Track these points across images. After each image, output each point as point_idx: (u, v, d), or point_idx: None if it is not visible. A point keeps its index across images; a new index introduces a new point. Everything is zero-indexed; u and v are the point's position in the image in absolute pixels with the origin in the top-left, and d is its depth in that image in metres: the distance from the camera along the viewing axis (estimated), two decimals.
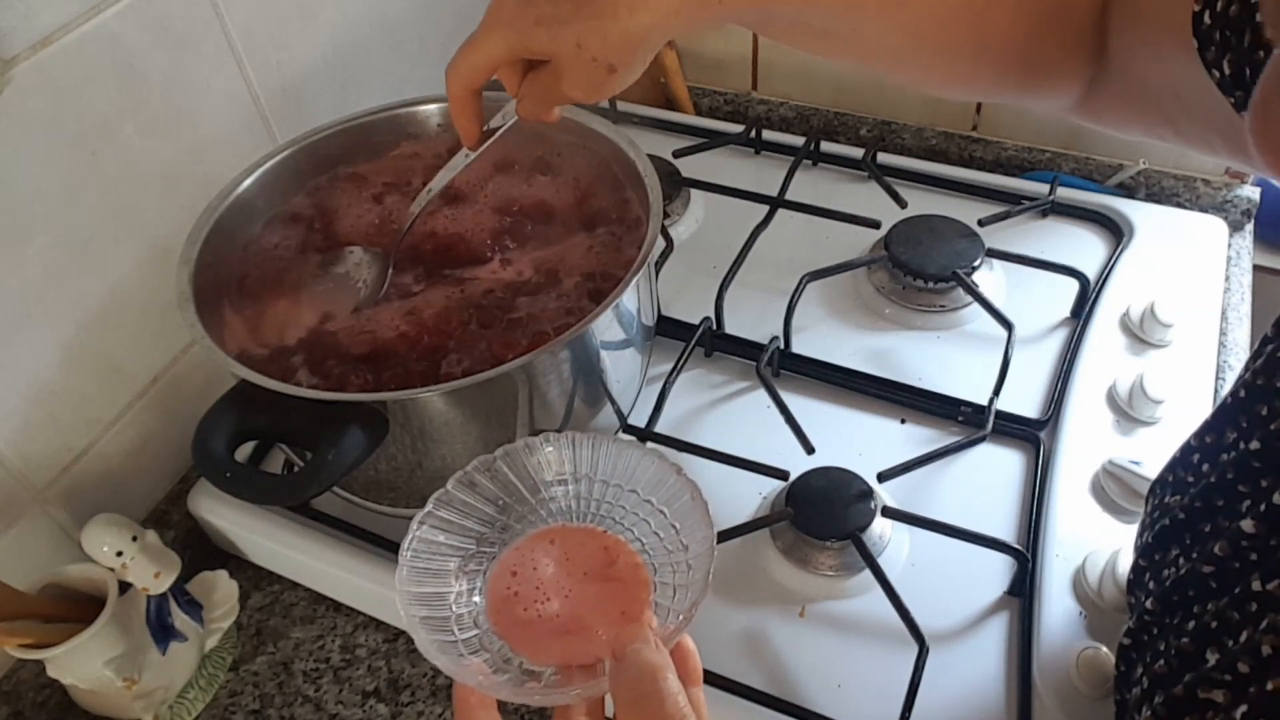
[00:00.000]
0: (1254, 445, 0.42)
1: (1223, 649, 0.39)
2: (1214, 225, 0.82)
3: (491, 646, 0.39)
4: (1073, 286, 0.76)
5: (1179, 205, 0.88)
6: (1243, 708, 0.36)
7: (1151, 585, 0.48)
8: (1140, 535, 0.52)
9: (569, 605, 0.39)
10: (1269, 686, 0.36)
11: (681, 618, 0.37)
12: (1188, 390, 0.68)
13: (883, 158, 0.90)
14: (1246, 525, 0.40)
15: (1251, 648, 0.37)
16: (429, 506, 0.40)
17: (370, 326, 0.58)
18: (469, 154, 0.58)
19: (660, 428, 0.68)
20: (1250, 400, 0.44)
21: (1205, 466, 0.47)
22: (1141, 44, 0.47)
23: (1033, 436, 0.67)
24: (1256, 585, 0.39)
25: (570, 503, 0.43)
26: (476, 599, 0.40)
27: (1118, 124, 0.53)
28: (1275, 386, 0.42)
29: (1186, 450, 0.49)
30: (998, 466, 0.67)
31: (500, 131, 0.56)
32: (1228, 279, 0.80)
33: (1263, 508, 0.40)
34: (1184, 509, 0.47)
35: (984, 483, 0.66)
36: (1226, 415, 0.46)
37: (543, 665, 0.38)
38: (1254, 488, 0.42)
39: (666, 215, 0.84)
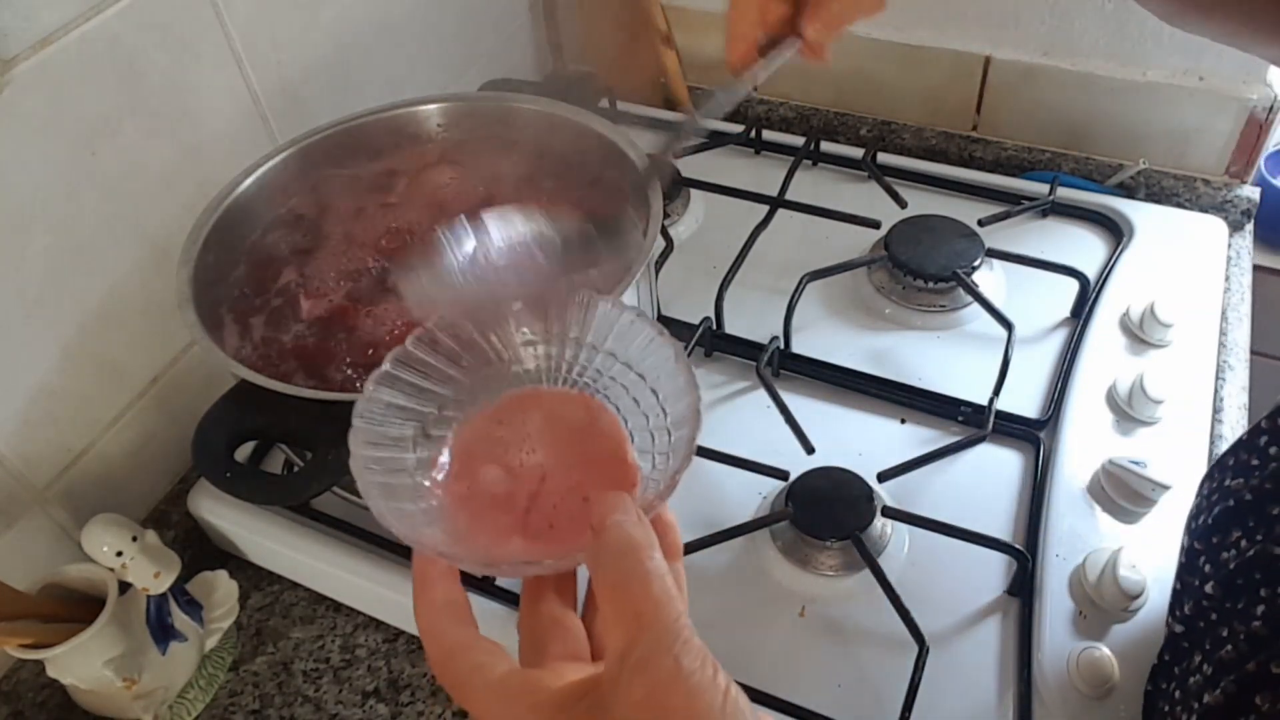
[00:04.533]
0: None
1: None
2: (1214, 225, 0.82)
3: (449, 519, 0.36)
4: (1073, 286, 0.76)
5: (1179, 205, 0.88)
6: None
7: (1208, 569, 0.47)
8: (1194, 519, 0.51)
9: (543, 489, 0.36)
10: None
11: (663, 486, 0.33)
12: (1188, 390, 0.68)
13: (883, 158, 0.90)
14: None
15: None
16: (385, 366, 0.36)
17: (369, 328, 0.58)
18: (729, 87, 0.49)
19: None
20: None
21: (1274, 449, 0.46)
22: None
23: (1033, 436, 0.67)
24: None
25: (541, 364, 0.39)
26: (437, 469, 0.37)
27: None
28: None
29: (1254, 433, 0.48)
30: (998, 466, 0.67)
31: (773, 65, 0.48)
32: (1228, 279, 0.80)
33: None
34: (1251, 490, 0.46)
35: (984, 483, 0.66)
36: None
37: (504, 558, 0.35)
38: None
39: (666, 215, 0.84)
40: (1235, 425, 0.69)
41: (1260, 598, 0.42)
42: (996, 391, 0.68)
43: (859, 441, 0.68)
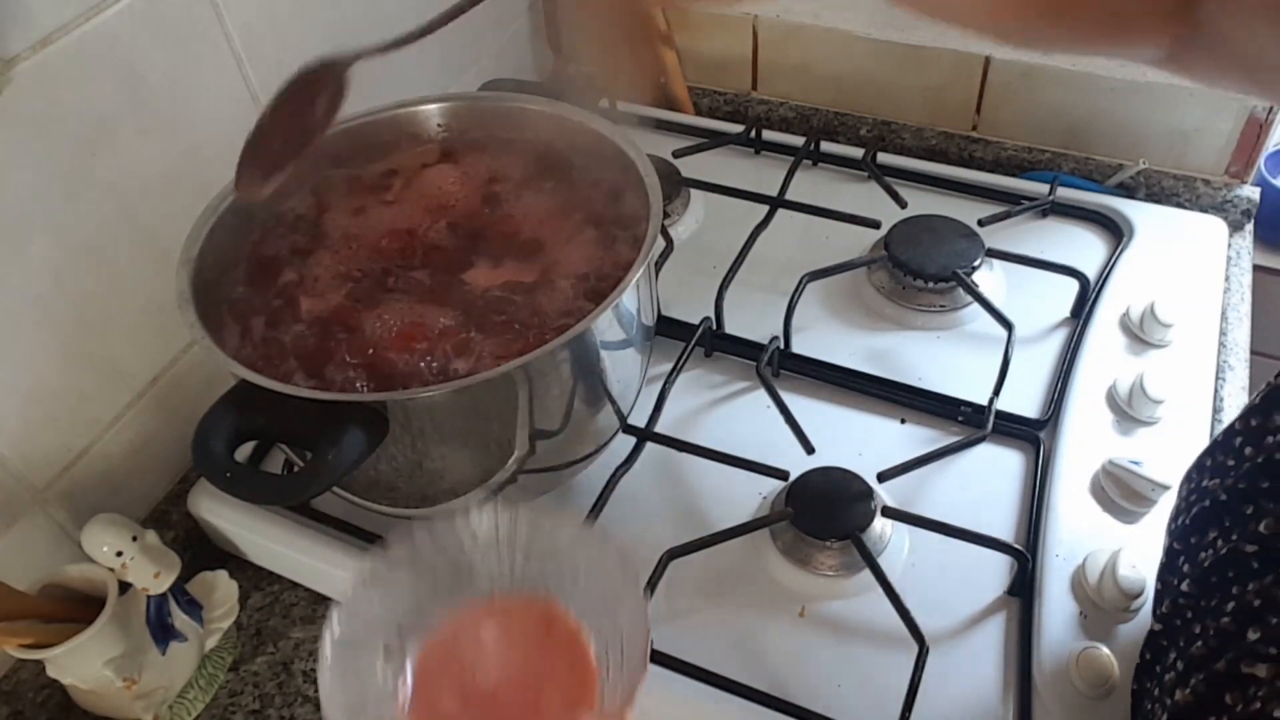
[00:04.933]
0: None
1: (1265, 626, 0.39)
2: (1214, 225, 0.82)
3: None
4: (1073, 286, 0.76)
5: (1179, 205, 0.88)
6: None
7: (1186, 568, 0.47)
8: (1174, 520, 0.51)
9: (501, 704, 0.37)
10: None
11: (621, 695, 0.35)
12: (1188, 390, 0.68)
13: (883, 158, 0.90)
14: None
15: None
16: (346, 599, 0.37)
17: (369, 328, 0.58)
18: None
19: (660, 428, 0.68)
20: None
21: (1249, 449, 0.46)
22: (1229, 12, 0.45)
23: (1033, 436, 0.67)
24: None
25: (495, 569, 0.40)
26: (402, 690, 0.38)
27: (1206, 80, 0.52)
28: None
29: (1229, 434, 0.48)
30: (998, 466, 0.67)
31: None
32: (1228, 279, 0.80)
33: None
34: (1226, 490, 0.46)
35: (984, 483, 0.66)
36: (1275, 399, 0.45)
37: None
38: None
39: (666, 215, 0.84)
40: None
41: (1232, 594, 0.42)
42: (996, 391, 0.68)
43: (859, 441, 0.68)
